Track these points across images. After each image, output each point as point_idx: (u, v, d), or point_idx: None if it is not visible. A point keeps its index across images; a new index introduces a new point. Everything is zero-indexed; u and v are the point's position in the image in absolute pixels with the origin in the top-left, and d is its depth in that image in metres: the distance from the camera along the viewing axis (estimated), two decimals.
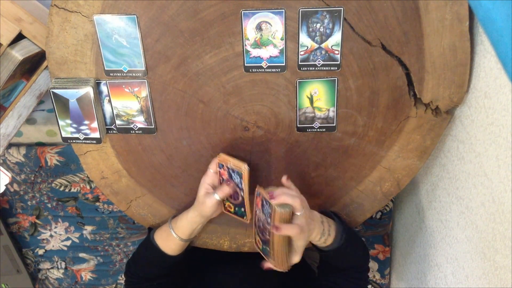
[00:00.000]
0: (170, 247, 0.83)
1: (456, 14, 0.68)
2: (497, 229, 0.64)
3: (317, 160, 0.83)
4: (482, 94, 0.68)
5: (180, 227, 0.82)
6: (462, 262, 0.77)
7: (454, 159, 0.79)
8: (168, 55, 0.75)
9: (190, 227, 0.82)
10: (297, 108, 0.78)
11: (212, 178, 0.80)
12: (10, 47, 0.82)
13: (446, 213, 0.84)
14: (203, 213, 0.80)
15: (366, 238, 1.23)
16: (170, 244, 0.83)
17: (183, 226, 0.82)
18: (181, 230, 0.82)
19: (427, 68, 0.72)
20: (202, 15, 0.71)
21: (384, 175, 0.84)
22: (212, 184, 0.80)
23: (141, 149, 0.84)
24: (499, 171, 0.63)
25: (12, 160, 1.13)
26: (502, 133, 0.62)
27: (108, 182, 0.89)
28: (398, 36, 0.70)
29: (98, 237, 1.29)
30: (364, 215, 0.89)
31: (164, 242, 0.83)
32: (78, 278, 1.39)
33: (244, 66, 0.75)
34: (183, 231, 0.82)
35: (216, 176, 0.81)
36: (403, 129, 0.79)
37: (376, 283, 1.31)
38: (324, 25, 0.70)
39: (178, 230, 0.82)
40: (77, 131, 0.80)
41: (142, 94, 0.78)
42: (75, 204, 1.22)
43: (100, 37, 0.73)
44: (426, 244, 0.96)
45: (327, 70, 0.74)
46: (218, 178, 0.81)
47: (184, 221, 0.82)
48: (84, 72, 0.77)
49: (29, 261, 1.36)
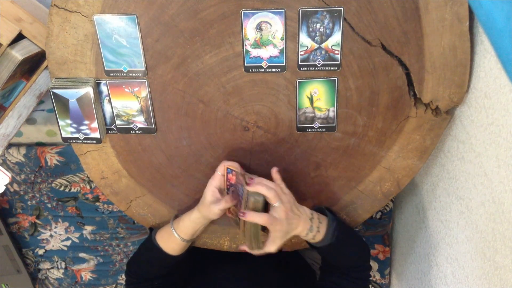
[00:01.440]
0: (171, 247, 0.83)
1: (456, 14, 0.68)
2: (497, 229, 0.64)
3: (317, 160, 0.83)
4: (482, 94, 0.68)
5: (182, 228, 0.82)
6: (462, 262, 0.77)
7: (454, 159, 0.79)
8: (168, 55, 0.75)
9: (192, 227, 0.82)
10: (297, 108, 0.78)
11: (220, 181, 0.80)
12: (10, 47, 0.82)
13: (446, 213, 0.84)
14: (207, 216, 0.81)
15: (366, 238, 1.23)
16: (172, 244, 0.83)
17: (185, 226, 0.82)
18: (184, 231, 0.82)
19: (427, 68, 0.72)
20: (202, 15, 0.71)
21: (384, 175, 0.84)
22: (219, 187, 0.81)
23: (141, 149, 0.84)
24: (499, 171, 0.63)
25: (12, 160, 1.13)
26: (502, 133, 0.62)
27: (108, 182, 0.89)
28: (398, 36, 0.70)
29: (98, 237, 1.29)
30: (364, 215, 0.89)
31: (166, 242, 0.84)
32: (78, 278, 1.39)
33: (244, 66, 0.75)
34: (186, 232, 0.82)
35: (223, 179, 0.81)
36: (403, 129, 0.79)
37: (376, 283, 1.31)
38: (324, 25, 0.70)
39: (181, 230, 0.82)
40: (77, 131, 0.80)
41: (142, 94, 0.78)
42: (75, 204, 1.22)
43: (100, 37, 0.73)
44: (426, 244, 0.96)
45: (327, 70, 0.74)
46: (225, 182, 0.81)
47: (187, 221, 0.82)
48: (84, 72, 0.77)
49: (29, 261, 1.36)
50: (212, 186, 0.80)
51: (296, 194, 0.87)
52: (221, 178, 0.80)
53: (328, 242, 0.77)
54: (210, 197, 0.79)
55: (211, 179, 0.80)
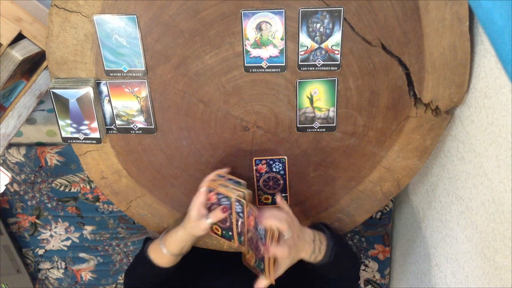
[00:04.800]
0: (162, 261, 0.85)
1: (456, 14, 0.68)
2: (497, 229, 0.64)
3: (317, 160, 0.83)
4: (482, 94, 0.68)
5: (170, 244, 0.83)
6: (462, 262, 0.77)
7: (454, 159, 0.79)
8: (168, 55, 0.75)
9: (179, 244, 0.83)
10: (297, 108, 0.78)
11: (204, 198, 0.80)
12: (10, 47, 0.82)
13: (446, 213, 0.84)
14: (194, 233, 0.81)
15: (366, 238, 1.23)
16: (162, 258, 0.84)
17: (173, 243, 0.83)
18: (172, 247, 0.83)
19: (427, 68, 0.72)
20: (202, 15, 0.71)
21: (384, 175, 0.84)
22: (204, 204, 0.80)
23: (141, 149, 0.84)
24: (499, 171, 0.63)
25: (12, 160, 1.13)
26: (502, 133, 0.62)
27: (108, 182, 0.89)
28: (398, 36, 0.70)
29: (98, 237, 1.29)
30: (364, 215, 0.89)
31: (157, 256, 0.85)
32: (78, 278, 1.39)
33: (244, 66, 0.75)
34: (174, 248, 0.83)
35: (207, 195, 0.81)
36: (403, 129, 0.79)
37: (376, 283, 1.31)
38: (324, 25, 0.70)
39: (169, 246, 0.83)
40: (77, 131, 0.80)
41: (142, 94, 0.78)
42: (75, 204, 1.22)
43: (100, 37, 0.73)
44: (426, 244, 0.96)
45: (327, 70, 0.74)
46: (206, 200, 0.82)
47: (174, 238, 0.83)
48: (84, 72, 0.77)
49: (29, 261, 1.36)
50: (197, 203, 0.79)
51: (296, 194, 0.87)
52: (205, 194, 0.80)
53: (327, 260, 0.77)
54: (196, 213, 0.79)
55: (195, 196, 0.80)
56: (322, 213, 0.89)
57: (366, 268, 1.29)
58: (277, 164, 0.84)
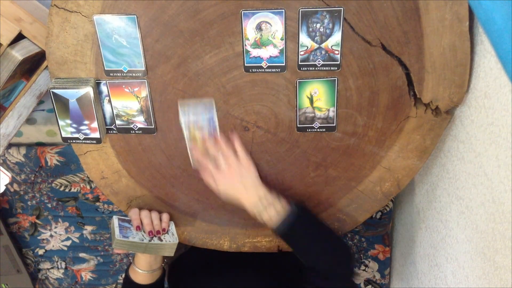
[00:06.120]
0: (142, 279, 0.89)
1: (456, 14, 0.68)
2: (497, 229, 0.64)
3: (317, 160, 0.83)
4: (482, 94, 0.68)
5: (138, 262, 0.88)
6: (462, 262, 0.77)
7: (454, 159, 0.79)
8: (168, 55, 0.75)
9: (144, 260, 0.87)
10: (297, 108, 0.78)
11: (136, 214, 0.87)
12: (10, 47, 0.82)
13: (446, 213, 0.84)
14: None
15: (366, 238, 1.23)
16: (139, 276, 0.89)
17: (140, 260, 0.88)
18: (140, 264, 0.88)
19: (427, 68, 0.72)
20: (202, 15, 0.71)
21: (384, 175, 0.84)
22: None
23: (141, 149, 0.84)
24: (499, 171, 0.63)
25: (12, 160, 1.13)
26: (502, 133, 0.62)
27: (108, 182, 0.89)
28: (398, 36, 0.70)
29: (98, 237, 1.29)
30: (364, 215, 0.89)
31: (135, 276, 0.89)
32: (78, 278, 1.39)
33: (244, 66, 0.75)
34: (143, 264, 0.88)
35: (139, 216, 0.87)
36: (403, 129, 0.79)
37: (376, 283, 1.31)
38: (324, 25, 0.70)
39: (138, 264, 0.88)
40: (77, 131, 0.80)
41: (142, 94, 0.78)
42: (75, 204, 1.22)
43: (100, 37, 0.73)
44: (426, 244, 0.96)
45: (327, 70, 0.74)
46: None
47: (139, 255, 0.88)
48: (84, 72, 0.77)
49: (29, 261, 1.36)
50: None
51: (296, 194, 0.87)
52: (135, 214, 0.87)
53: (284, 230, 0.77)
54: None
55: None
56: (322, 213, 0.89)
57: (366, 268, 1.29)
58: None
